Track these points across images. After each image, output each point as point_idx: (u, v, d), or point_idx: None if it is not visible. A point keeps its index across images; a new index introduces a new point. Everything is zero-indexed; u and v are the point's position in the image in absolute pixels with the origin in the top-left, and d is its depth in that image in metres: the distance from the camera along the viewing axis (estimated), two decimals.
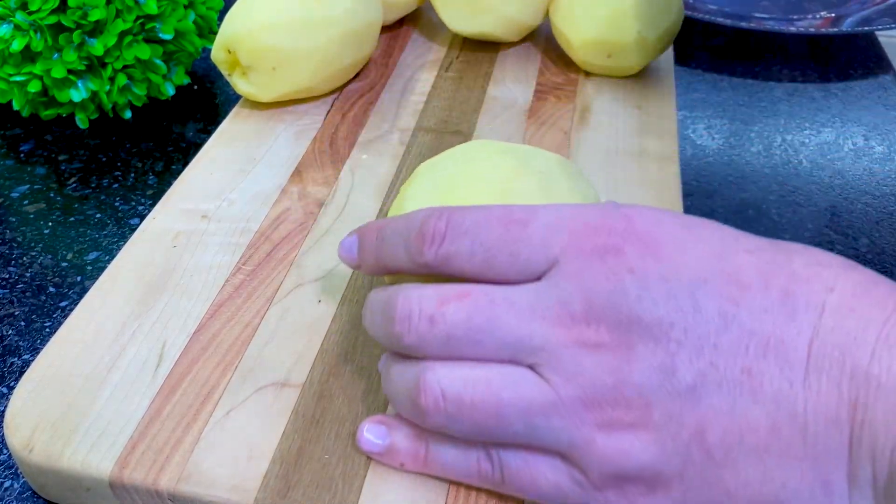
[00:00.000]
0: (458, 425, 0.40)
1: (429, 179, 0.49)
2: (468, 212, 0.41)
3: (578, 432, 0.38)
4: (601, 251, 0.38)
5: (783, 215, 0.68)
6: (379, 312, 0.42)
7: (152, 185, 0.72)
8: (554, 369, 0.38)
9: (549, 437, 0.39)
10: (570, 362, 0.38)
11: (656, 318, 0.36)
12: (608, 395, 0.37)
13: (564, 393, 0.38)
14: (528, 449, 0.40)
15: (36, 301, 0.61)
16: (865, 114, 0.81)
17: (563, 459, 0.40)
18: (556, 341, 0.38)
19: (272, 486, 0.43)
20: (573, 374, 0.38)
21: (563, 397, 0.38)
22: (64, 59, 0.71)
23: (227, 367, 0.49)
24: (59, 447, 0.45)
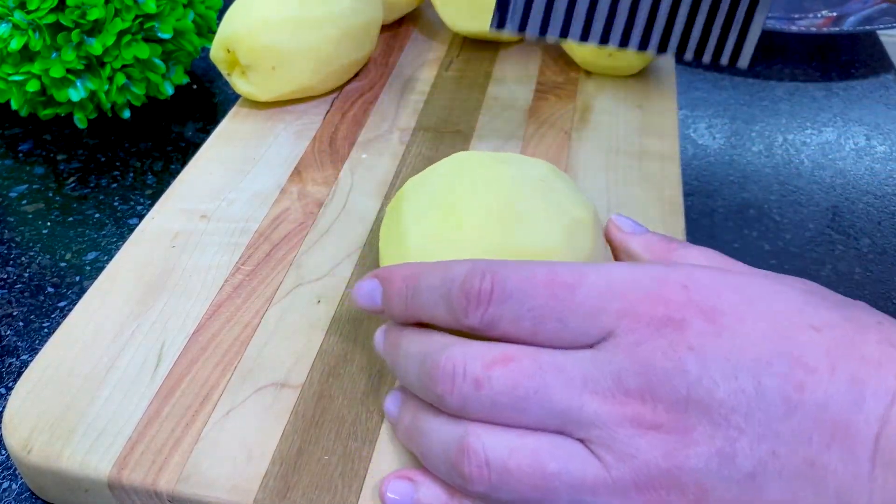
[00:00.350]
0: (502, 494, 0.38)
1: (424, 195, 0.48)
2: (511, 271, 0.39)
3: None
4: (659, 324, 0.36)
5: (784, 215, 0.68)
6: (416, 364, 0.41)
7: (151, 184, 0.72)
8: (607, 448, 0.36)
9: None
10: (624, 442, 0.36)
11: (717, 400, 0.35)
12: (663, 479, 0.35)
13: (617, 473, 0.36)
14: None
15: (34, 301, 0.60)
16: (867, 113, 0.81)
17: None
18: (610, 418, 0.36)
19: (271, 486, 0.43)
20: (627, 454, 0.36)
21: (615, 478, 0.36)
22: (62, 59, 0.71)
23: (226, 368, 0.49)
24: (57, 448, 0.45)
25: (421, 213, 0.47)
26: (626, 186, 0.62)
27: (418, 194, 0.48)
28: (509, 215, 0.46)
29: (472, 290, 0.39)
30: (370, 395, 0.48)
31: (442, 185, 0.48)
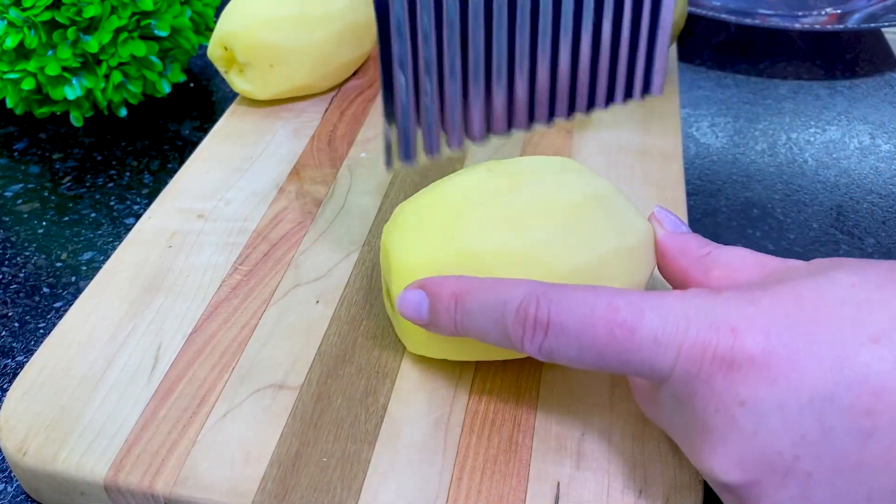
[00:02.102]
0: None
1: (475, 201, 0.47)
2: (570, 305, 0.39)
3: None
4: (708, 375, 0.35)
5: (788, 215, 0.68)
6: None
7: (148, 183, 0.72)
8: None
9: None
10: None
11: (777, 452, 0.34)
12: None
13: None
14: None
15: (30, 302, 0.60)
16: (871, 112, 0.81)
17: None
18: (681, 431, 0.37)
19: (269, 489, 0.43)
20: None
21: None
22: (58, 57, 0.70)
23: (223, 369, 0.49)
24: (53, 450, 0.44)
25: (476, 220, 0.46)
26: (628, 186, 0.62)
27: (468, 199, 0.47)
28: (571, 234, 0.45)
29: (529, 319, 0.39)
30: (369, 397, 0.47)
31: (498, 195, 0.47)
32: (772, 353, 0.34)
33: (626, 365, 0.37)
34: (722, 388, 0.35)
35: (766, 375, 0.34)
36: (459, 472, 0.43)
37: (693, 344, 0.36)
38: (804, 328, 0.35)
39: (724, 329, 0.36)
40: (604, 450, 0.45)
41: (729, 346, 0.35)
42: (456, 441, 0.45)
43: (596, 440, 0.45)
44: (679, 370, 0.36)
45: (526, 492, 0.43)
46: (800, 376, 0.34)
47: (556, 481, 0.43)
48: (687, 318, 0.36)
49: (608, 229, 0.46)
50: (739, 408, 0.34)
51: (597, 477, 0.43)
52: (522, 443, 0.45)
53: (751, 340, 0.35)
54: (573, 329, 0.38)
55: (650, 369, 0.37)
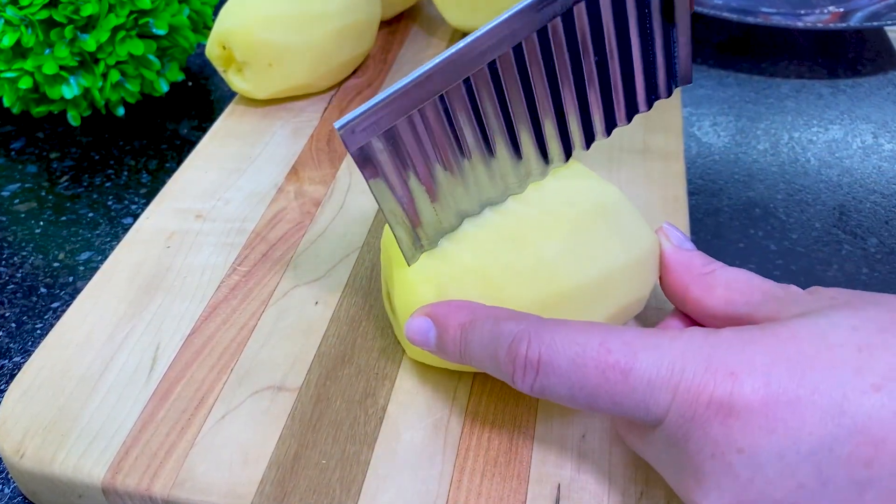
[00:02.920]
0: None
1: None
2: (560, 342, 0.38)
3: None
4: (704, 421, 0.35)
5: (790, 214, 0.68)
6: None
7: (146, 183, 0.72)
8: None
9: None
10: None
11: (773, 501, 0.34)
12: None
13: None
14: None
15: (27, 302, 0.60)
16: (874, 111, 0.80)
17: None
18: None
19: (268, 491, 0.42)
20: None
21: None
22: (55, 55, 0.70)
23: (222, 371, 0.49)
24: (50, 452, 0.44)
25: (481, 235, 0.46)
26: (629, 185, 0.62)
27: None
28: (577, 249, 0.45)
29: (519, 359, 0.39)
30: (368, 398, 0.47)
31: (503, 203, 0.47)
32: (771, 400, 0.34)
33: (619, 407, 0.37)
34: (719, 435, 0.34)
35: (766, 424, 0.34)
36: (459, 474, 0.43)
37: (689, 388, 0.35)
38: (804, 374, 0.34)
39: (721, 373, 0.35)
40: (605, 451, 0.44)
41: (727, 392, 0.34)
42: (456, 443, 0.45)
43: (597, 442, 0.45)
44: (674, 414, 0.36)
45: (526, 494, 0.42)
46: (800, 425, 0.33)
47: (557, 483, 0.43)
48: (683, 360, 0.36)
49: (614, 243, 0.45)
50: (737, 455, 0.34)
51: (597, 479, 0.43)
52: (523, 444, 0.45)
53: (750, 386, 0.34)
54: (564, 369, 0.38)
55: (644, 412, 0.37)
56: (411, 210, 0.44)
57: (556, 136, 0.47)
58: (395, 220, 0.44)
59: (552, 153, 0.47)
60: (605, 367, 0.37)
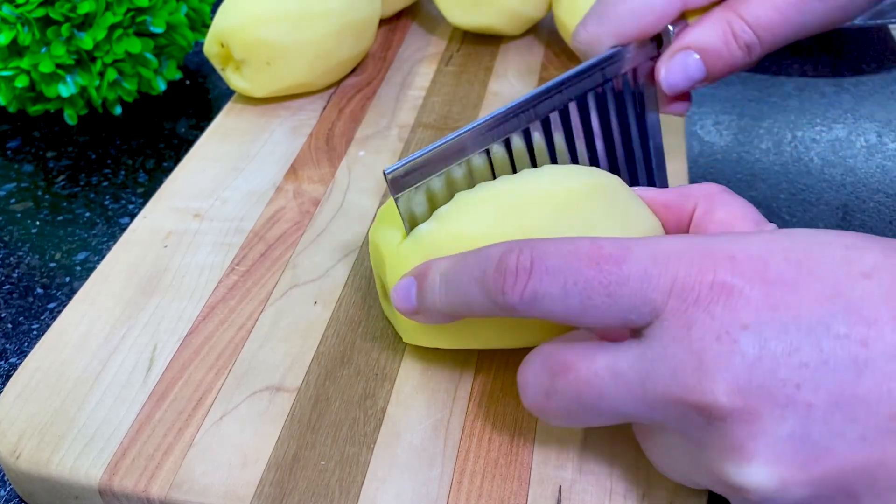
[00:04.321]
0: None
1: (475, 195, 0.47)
2: (551, 245, 0.38)
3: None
4: (707, 301, 0.35)
5: (794, 214, 0.67)
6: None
7: (143, 182, 0.72)
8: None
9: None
10: (692, 435, 0.36)
11: (780, 380, 0.33)
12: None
13: None
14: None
15: (23, 303, 0.60)
16: (878, 109, 0.80)
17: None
18: (674, 417, 0.36)
19: (266, 493, 0.42)
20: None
21: None
22: (52, 54, 0.70)
23: (220, 371, 0.48)
24: (46, 453, 0.44)
25: (468, 203, 0.46)
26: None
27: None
28: (567, 221, 0.44)
29: (510, 267, 0.38)
30: (368, 399, 0.47)
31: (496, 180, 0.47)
32: (772, 280, 0.35)
33: (616, 301, 0.37)
34: (723, 314, 0.35)
35: (768, 301, 0.34)
36: (459, 475, 0.43)
37: (689, 271, 0.36)
38: (799, 262, 0.35)
39: (721, 257, 0.36)
40: (606, 453, 0.44)
41: (728, 272, 0.35)
42: (456, 444, 0.45)
43: (598, 443, 0.45)
44: (675, 300, 0.36)
45: (527, 496, 0.42)
46: (800, 305, 0.34)
47: (558, 485, 0.43)
48: (680, 249, 0.37)
49: (609, 220, 0.45)
50: (742, 331, 0.34)
51: (599, 480, 0.43)
52: (523, 446, 0.45)
53: (750, 267, 0.35)
54: (559, 268, 0.37)
55: (641, 302, 0.36)
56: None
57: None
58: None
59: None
60: (598, 258, 0.37)
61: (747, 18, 0.51)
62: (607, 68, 0.53)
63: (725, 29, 0.52)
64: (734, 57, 0.52)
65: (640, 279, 0.36)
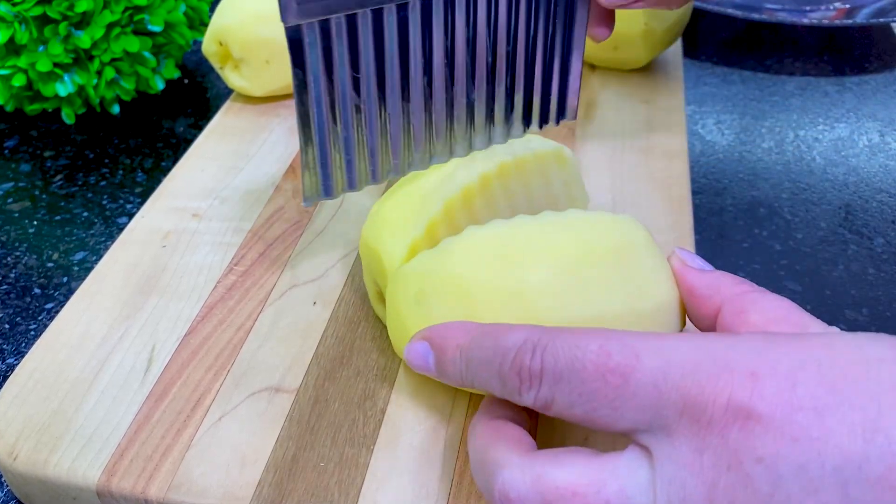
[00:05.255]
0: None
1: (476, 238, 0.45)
2: (562, 350, 0.36)
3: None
4: (722, 425, 0.32)
5: (796, 214, 0.67)
6: (479, 480, 0.38)
7: (141, 182, 0.71)
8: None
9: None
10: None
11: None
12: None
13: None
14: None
15: (20, 303, 0.60)
16: (881, 108, 0.80)
17: None
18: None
19: (265, 494, 0.42)
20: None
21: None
22: (49, 52, 0.70)
23: (218, 372, 0.48)
24: (44, 454, 0.44)
25: (483, 255, 0.44)
26: (632, 184, 0.62)
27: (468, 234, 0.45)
28: (565, 281, 0.42)
29: (524, 369, 0.37)
30: (367, 400, 0.47)
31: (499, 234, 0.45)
32: (797, 404, 0.31)
33: (622, 416, 0.34)
34: (737, 442, 0.31)
35: (789, 432, 0.31)
36: (459, 477, 0.43)
37: (702, 389, 0.32)
38: (835, 383, 0.31)
39: (740, 373, 0.32)
40: None
41: (747, 394, 0.31)
42: (456, 445, 0.44)
43: (599, 444, 0.44)
44: (687, 420, 0.33)
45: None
46: (826, 436, 0.30)
47: None
48: (695, 360, 0.33)
49: (616, 289, 0.43)
50: (756, 465, 0.31)
51: None
52: None
53: (773, 389, 0.31)
54: (565, 374, 0.35)
55: (650, 420, 0.33)
56: (332, 127, 0.45)
57: (465, 112, 0.49)
58: (306, 137, 0.45)
59: (457, 135, 0.49)
60: (604, 370, 0.34)
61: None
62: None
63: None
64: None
65: (648, 395, 0.33)
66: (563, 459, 0.35)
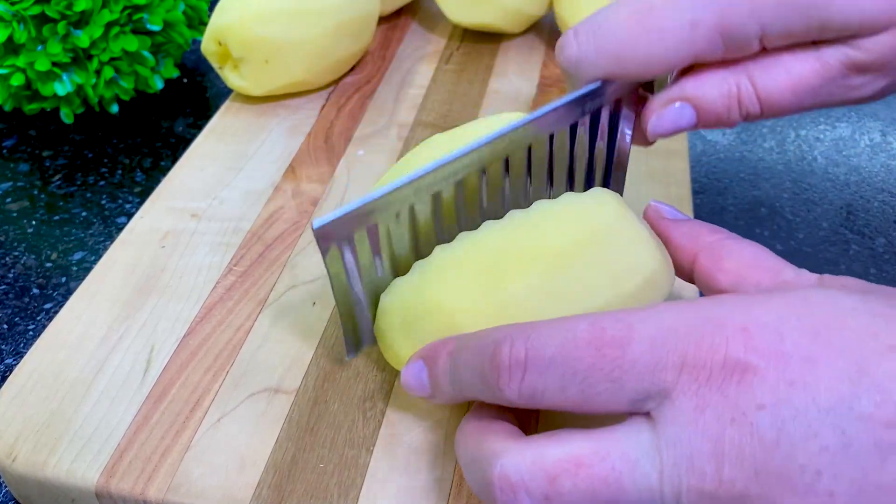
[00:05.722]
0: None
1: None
2: (548, 334, 0.35)
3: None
4: (721, 380, 0.32)
5: (797, 214, 0.67)
6: (475, 479, 0.37)
7: (140, 182, 0.71)
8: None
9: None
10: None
11: (800, 466, 0.31)
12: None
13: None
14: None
15: (19, 303, 0.60)
16: (883, 108, 0.80)
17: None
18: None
19: (265, 496, 0.42)
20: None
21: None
22: (48, 52, 0.70)
23: (217, 373, 0.48)
24: (43, 456, 0.44)
25: (448, 270, 0.43)
26: (632, 184, 0.61)
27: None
28: (548, 284, 0.42)
29: (503, 361, 0.36)
30: (367, 401, 0.47)
31: (480, 238, 0.44)
32: (788, 354, 0.32)
33: (621, 387, 0.34)
34: (737, 394, 0.32)
35: (784, 377, 0.32)
36: (459, 478, 0.43)
37: (699, 348, 0.33)
38: (817, 333, 0.33)
39: (732, 329, 0.33)
40: None
41: (741, 347, 0.33)
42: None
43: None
44: (686, 380, 0.33)
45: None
46: (816, 380, 0.31)
47: None
48: (687, 322, 0.34)
49: (601, 277, 0.42)
50: (758, 412, 0.32)
51: None
52: None
53: (764, 340, 0.33)
54: (554, 358, 0.35)
55: (650, 385, 0.34)
56: (367, 296, 0.45)
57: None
58: (345, 313, 0.45)
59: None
60: (601, 343, 0.34)
61: (759, 89, 0.45)
62: (588, 103, 0.47)
63: (732, 91, 0.45)
64: (730, 120, 0.46)
65: (646, 362, 0.34)
66: (561, 436, 0.35)
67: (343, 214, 0.41)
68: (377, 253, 0.44)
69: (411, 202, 0.43)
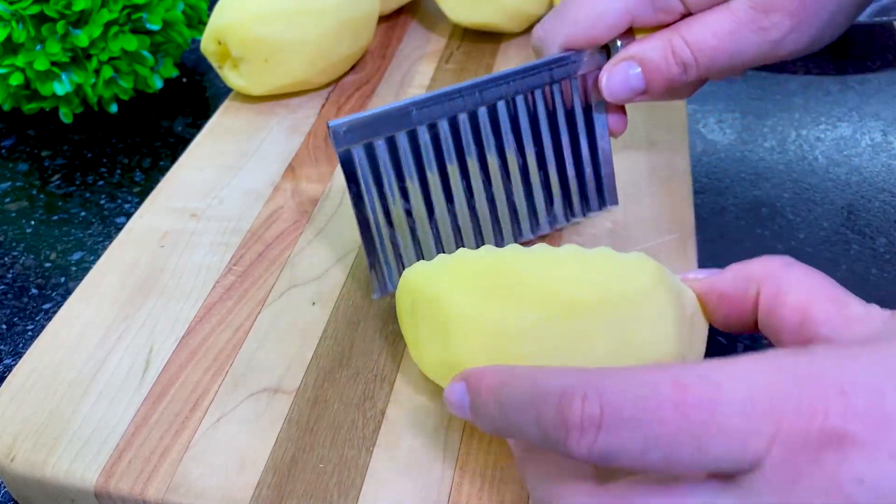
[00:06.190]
0: None
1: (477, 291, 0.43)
2: (622, 388, 0.32)
3: None
4: (816, 448, 0.30)
5: (798, 214, 0.67)
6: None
7: (139, 182, 0.71)
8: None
9: None
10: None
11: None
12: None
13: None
14: None
15: (18, 303, 0.60)
16: (884, 108, 0.80)
17: None
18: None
19: (264, 496, 0.42)
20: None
21: None
22: (47, 51, 0.70)
23: (217, 373, 0.48)
24: (41, 456, 0.44)
25: (461, 285, 0.42)
26: (632, 184, 0.61)
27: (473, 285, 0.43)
28: (566, 333, 0.40)
29: (573, 417, 0.32)
30: (367, 401, 0.47)
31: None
32: (889, 417, 0.30)
33: (707, 453, 0.31)
34: (835, 466, 0.30)
35: (886, 447, 0.29)
36: (460, 478, 0.43)
37: (798, 415, 0.30)
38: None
39: (831, 392, 0.30)
40: None
41: (840, 414, 0.30)
42: (456, 446, 0.44)
43: None
44: (779, 448, 0.30)
45: (528, 499, 0.42)
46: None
47: None
48: (781, 383, 0.31)
49: (607, 344, 0.41)
50: (857, 486, 0.29)
51: None
52: None
53: (864, 404, 0.30)
54: (634, 418, 0.31)
55: (740, 453, 0.31)
56: (388, 232, 0.50)
57: (507, 214, 0.55)
58: (369, 243, 0.50)
59: (504, 229, 0.55)
60: (685, 406, 0.31)
61: (687, 39, 0.52)
62: (556, 70, 0.54)
63: (666, 46, 0.53)
64: (671, 72, 0.53)
65: (736, 427, 0.31)
66: (638, 490, 0.33)
67: (357, 118, 0.48)
68: (386, 169, 0.50)
69: (414, 125, 0.50)
